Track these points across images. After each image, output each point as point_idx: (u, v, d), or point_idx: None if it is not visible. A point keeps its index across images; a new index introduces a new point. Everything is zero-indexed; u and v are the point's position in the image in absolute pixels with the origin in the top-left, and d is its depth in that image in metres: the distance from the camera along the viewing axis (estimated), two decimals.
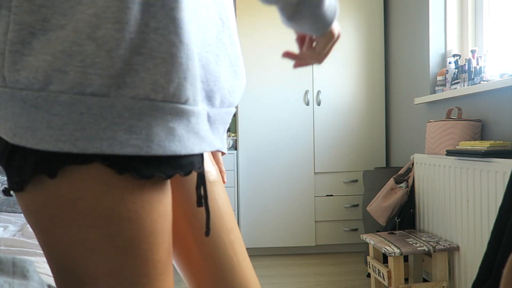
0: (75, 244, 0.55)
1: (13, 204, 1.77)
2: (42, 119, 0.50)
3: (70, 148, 0.50)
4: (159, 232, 0.59)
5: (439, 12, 2.50)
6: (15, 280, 0.79)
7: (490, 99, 1.99)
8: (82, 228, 0.54)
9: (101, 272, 0.56)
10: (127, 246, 0.56)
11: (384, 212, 2.34)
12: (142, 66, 0.52)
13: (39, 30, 0.49)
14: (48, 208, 0.54)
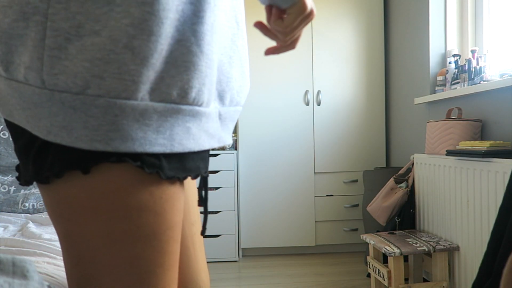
0: (102, 233, 0.58)
1: (13, 204, 1.77)
2: (79, 119, 0.53)
3: (104, 147, 0.54)
4: (176, 226, 0.64)
5: (439, 12, 2.50)
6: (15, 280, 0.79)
7: (490, 99, 1.99)
8: (112, 219, 0.58)
9: (122, 261, 0.59)
10: (149, 237, 0.60)
11: (384, 212, 2.34)
12: (167, 73, 0.57)
13: (74, 36, 0.52)
14: (79, 199, 0.57)
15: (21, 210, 1.75)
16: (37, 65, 0.53)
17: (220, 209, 3.00)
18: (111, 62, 0.53)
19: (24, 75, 0.54)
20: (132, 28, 0.53)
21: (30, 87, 0.54)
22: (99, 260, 0.59)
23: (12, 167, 1.93)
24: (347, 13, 3.13)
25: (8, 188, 1.83)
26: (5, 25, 0.54)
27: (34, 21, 0.52)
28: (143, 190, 0.59)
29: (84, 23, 0.52)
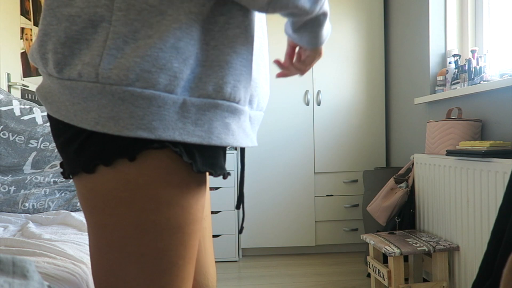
0: (133, 224, 0.63)
1: (13, 204, 1.77)
2: (126, 110, 0.60)
3: (148, 135, 0.60)
4: (199, 220, 0.69)
5: (439, 12, 2.50)
6: (15, 280, 0.79)
7: (490, 99, 1.99)
8: (143, 211, 0.63)
9: (149, 251, 0.64)
10: (176, 229, 0.65)
11: (384, 212, 2.34)
12: (204, 74, 0.63)
13: (131, 39, 0.60)
14: (116, 190, 0.63)
15: (21, 210, 1.75)
16: (95, 61, 0.59)
17: (220, 209, 3.00)
18: (159, 58, 0.59)
19: (79, 72, 0.60)
20: (180, 31, 0.61)
21: (83, 82, 0.60)
22: (128, 250, 0.64)
23: (12, 167, 1.93)
24: (347, 13, 3.13)
25: (8, 188, 1.83)
26: (73, 32, 0.61)
27: (101, 27, 0.61)
28: (174, 184, 0.64)
29: (140, 28, 0.60)
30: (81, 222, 1.51)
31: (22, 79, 2.56)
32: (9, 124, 2.02)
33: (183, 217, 0.66)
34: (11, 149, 1.98)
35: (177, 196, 0.64)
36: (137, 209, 0.63)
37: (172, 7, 0.61)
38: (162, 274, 0.65)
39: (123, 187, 0.62)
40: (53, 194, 1.81)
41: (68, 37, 0.61)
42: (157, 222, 0.64)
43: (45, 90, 0.66)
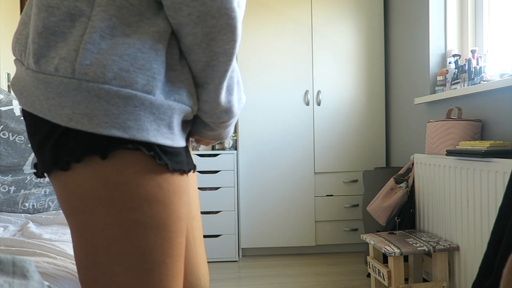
0: (116, 224, 0.62)
1: (13, 204, 1.77)
2: (101, 107, 0.59)
3: (122, 134, 0.60)
4: (183, 218, 0.69)
5: (439, 12, 2.50)
6: (15, 280, 0.79)
7: (490, 99, 1.99)
8: (124, 209, 0.62)
9: (134, 250, 0.63)
10: (160, 227, 0.65)
11: (384, 212, 2.34)
12: (177, 79, 0.65)
13: (107, 35, 0.60)
14: (94, 190, 0.62)
15: (21, 210, 1.75)
16: (72, 56, 0.59)
17: (220, 209, 3.00)
18: (138, 58, 0.60)
19: (55, 66, 0.60)
20: (158, 34, 0.62)
21: (59, 77, 0.59)
22: (113, 250, 0.63)
23: (12, 167, 1.93)
24: (347, 13, 3.13)
25: (8, 188, 1.83)
26: (50, 23, 0.61)
27: (80, 22, 0.60)
28: (153, 182, 0.64)
29: (117, 25, 0.61)
30: None
31: None
32: (9, 124, 2.02)
33: (166, 215, 0.65)
34: (11, 149, 1.98)
35: (157, 194, 0.64)
36: (117, 208, 0.62)
37: (150, 11, 0.62)
38: (151, 273, 0.65)
39: (101, 187, 0.62)
40: (53, 194, 1.81)
41: (45, 27, 0.61)
42: (139, 221, 0.63)
43: (20, 84, 0.66)
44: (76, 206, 0.63)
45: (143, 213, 0.63)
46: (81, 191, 0.62)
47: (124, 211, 0.62)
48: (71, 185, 0.63)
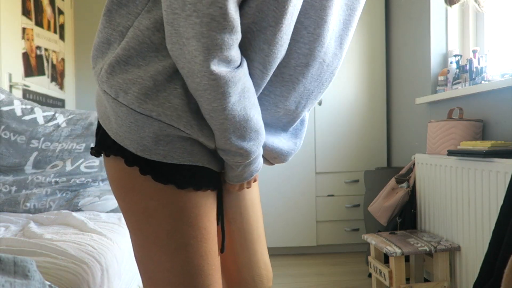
0: (141, 209, 0.74)
1: (14, 204, 1.77)
2: (115, 115, 0.72)
3: (121, 142, 0.73)
4: (203, 205, 0.77)
5: (440, 12, 2.50)
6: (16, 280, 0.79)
7: (491, 99, 1.99)
8: (144, 197, 0.73)
9: (161, 233, 0.74)
10: (178, 213, 0.74)
11: (385, 212, 2.34)
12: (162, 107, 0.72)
13: (123, 62, 0.71)
14: (121, 179, 0.75)
15: (22, 210, 1.75)
16: (99, 70, 0.74)
17: None
18: (136, 83, 0.69)
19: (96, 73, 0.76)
20: (162, 68, 0.69)
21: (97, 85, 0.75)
22: (144, 231, 0.74)
23: (13, 167, 1.94)
24: None
25: (9, 188, 1.83)
26: (96, 42, 0.76)
27: (113, 47, 0.73)
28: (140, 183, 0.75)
29: (133, 56, 0.70)
30: (82, 222, 1.52)
31: (23, 79, 2.56)
32: (10, 124, 2.02)
33: (183, 202, 0.74)
34: (13, 149, 1.98)
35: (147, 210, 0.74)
36: (139, 196, 0.73)
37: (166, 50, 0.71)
38: (178, 252, 0.74)
39: (125, 177, 0.74)
40: (54, 194, 1.81)
41: (94, 45, 0.77)
42: (157, 207, 0.73)
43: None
44: (114, 191, 0.78)
45: (160, 200, 0.73)
46: (114, 179, 0.76)
47: (144, 198, 0.73)
48: (109, 172, 0.77)
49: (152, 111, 0.70)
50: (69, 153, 1.98)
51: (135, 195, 0.74)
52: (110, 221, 1.61)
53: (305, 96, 0.87)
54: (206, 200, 0.78)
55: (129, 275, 1.48)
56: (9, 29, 2.39)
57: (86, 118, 2.13)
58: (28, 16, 2.65)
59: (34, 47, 2.73)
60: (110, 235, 1.43)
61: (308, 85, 0.85)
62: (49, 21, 2.96)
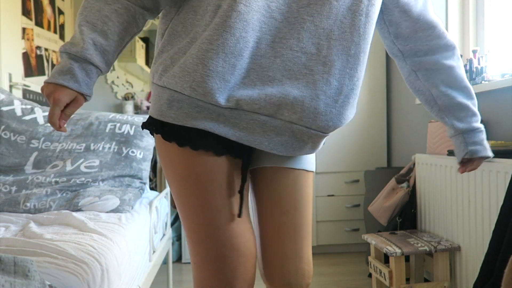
0: (168, 173, 0.96)
1: (14, 204, 1.77)
2: (152, 96, 0.95)
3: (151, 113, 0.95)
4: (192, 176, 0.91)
5: (440, 12, 2.50)
6: (16, 280, 0.79)
7: (491, 99, 1.99)
8: (166, 166, 0.95)
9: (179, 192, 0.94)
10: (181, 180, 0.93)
11: (385, 212, 2.34)
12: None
13: (160, 52, 0.93)
14: (160, 152, 0.97)
15: (22, 210, 1.75)
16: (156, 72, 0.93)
17: None
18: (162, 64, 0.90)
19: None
20: (178, 49, 0.89)
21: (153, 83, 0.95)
22: (173, 190, 0.96)
23: (14, 167, 1.93)
24: None
25: (9, 188, 1.83)
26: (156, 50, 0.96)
27: (164, 53, 0.92)
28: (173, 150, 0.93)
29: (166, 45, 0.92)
30: (82, 222, 1.52)
31: (23, 79, 2.56)
32: (10, 124, 2.02)
33: (180, 170, 0.92)
34: (13, 149, 1.98)
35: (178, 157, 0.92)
36: (164, 164, 0.96)
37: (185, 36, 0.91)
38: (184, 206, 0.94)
39: (158, 146, 0.96)
40: (54, 194, 1.81)
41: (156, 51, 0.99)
42: (172, 173, 0.94)
43: None
44: (160, 160, 0.97)
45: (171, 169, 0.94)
46: (158, 151, 0.98)
47: (167, 166, 0.96)
48: (156, 145, 0.98)
49: (165, 82, 0.88)
50: (69, 153, 1.98)
51: (164, 158, 0.95)
52: (110, 221, 1.61)
53: (324, 36, 0.86)
54: (219, 164, 0.92)
55: (129, 275, 1.48)
56: (9, 29, 2.40)
57: (86, 118, 2.13)
58: (28, 16, 2.65)
59: (34, 47, 2.73)
60: (110, 235, 1.43)
61: (319, 22, 0.85)
62: (49, 21, 2.96)
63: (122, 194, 1.84)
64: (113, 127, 2.09)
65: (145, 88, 3.52)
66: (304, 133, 0.91)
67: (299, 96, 0.86)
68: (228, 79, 0.84)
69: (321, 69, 0.87)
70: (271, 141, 0.91)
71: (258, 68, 0.85)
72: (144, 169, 2.05)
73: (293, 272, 1.00)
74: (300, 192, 1.01)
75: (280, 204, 1.00)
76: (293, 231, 1.00)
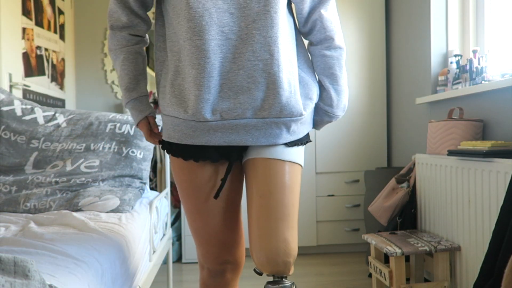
0: (176, 180, 1.25)
1: (15, 204, 1.77)
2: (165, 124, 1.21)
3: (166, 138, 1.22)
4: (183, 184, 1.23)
5: (440, 12, 2.50)
6: (16, 280, 0.79)
7: (491, 99, 1.99)
8: (174, 173, 1.25)
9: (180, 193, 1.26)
10: (177, 185, 1.25)
11: (385, 212, 2.34)
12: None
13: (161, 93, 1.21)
14: (171, 165, 1.26)
15: (22, 210, 1.75)
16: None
17: None
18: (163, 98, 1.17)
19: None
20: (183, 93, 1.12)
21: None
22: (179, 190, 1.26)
23: (14, 167, 1.93)
24: (348, 13, 3.13)
25: (9, 188, 1.83)
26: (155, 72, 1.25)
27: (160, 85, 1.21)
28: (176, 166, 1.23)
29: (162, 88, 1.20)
30: (82, 222, 1.52)
31: (23, 79, 2.56)
32: (10, 124, 2.02)
33: (176, 178, 1.25)
34: (13, 149, 1.98)
35: (174, 170, 1.24)
36: (174, 173, 1.24)
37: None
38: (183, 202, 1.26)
39: (171, 163, 1.25)
40: (54, 194, 1.81)
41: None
42: (176, 179, 1.25)
43: None
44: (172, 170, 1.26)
45: (176, 178, 1.25)
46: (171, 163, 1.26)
47: (174, 175, 1.25)
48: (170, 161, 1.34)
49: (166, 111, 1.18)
50: (69, 153, 1.98)
51: (174, 170, 1.24)
52: (110, 221, 1.61)
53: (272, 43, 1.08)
54: (201, 168, 1.20)
55: (129, 275, 1.48)
56: (9, 29, 2.40)
57: (86, 118, 2.13)
58: (28, 16, 2.65)
59: (34, 47, 2.73)
60: (110, 235, 1.43)
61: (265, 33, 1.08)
62: (49, 21, 2.96)
63: (122, 194, 1.84)
64: (113, 127, 2.09)
65: None
66: (276, 122, 1.12)
67: (265, 97, 1.09)
68: (207, 98, 1.07)
69: (276, 69, 1.07)
70: (253, 136, 1.13)
71: (227, 82, 1.07)
72: (144, 169, 2.05)
73: (267, 249, 1.08)
74: (275, 178, 1.14)
75: (258, 188, 1.14)
76: (268, 212, 1.11)
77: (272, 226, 1.09)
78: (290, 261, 1.08)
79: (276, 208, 1.11)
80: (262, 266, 1.09)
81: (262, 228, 1.10)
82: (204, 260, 1.28)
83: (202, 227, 1.23)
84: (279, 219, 1.10)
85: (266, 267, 1.09)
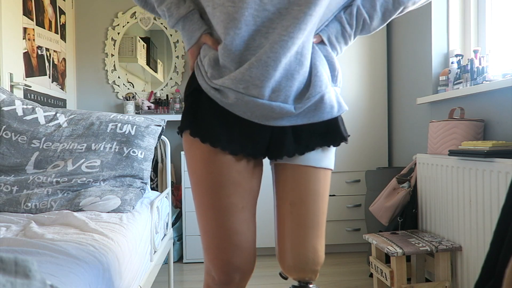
0: (188, 163, 1.13)
1: (16, 204, 1.77)
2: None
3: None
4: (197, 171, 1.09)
5: (441, 12, 2.49)
6: (17, 280, 0.79)
7: (492, 99, 1.99)
8: (187, 156, 1.13)
9: (192, 179, 1.12)
10: (191, 173, 1.12)
11: (386, 212, 2.34)
12: None
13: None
14: (184, 148, 1.14)
15: (23, 210, 1.75)
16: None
17: None
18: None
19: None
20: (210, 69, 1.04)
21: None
22: (190, 174, 1.14)
23: (15, 167, 1.94)
24: None
25: (10, 188, 1.83)
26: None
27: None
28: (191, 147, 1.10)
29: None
30: (83, 222, 1.52)
31: (24, 79, 2.56)
32: (11, 124, 2.02)
33: (190, 165, 1.11)
34: (14, 149, 1.98)
35: (188, 157, 1.12)
36: (187, 156, 1.13)
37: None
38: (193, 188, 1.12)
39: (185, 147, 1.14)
40: (55, 194, 1.82)
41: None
42: (188, 161, 1.12)
43: None
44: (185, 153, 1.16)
45: (188, 165, 1.14)
46: (184, 146, 1.15)
47: (187, 160, 1.13)
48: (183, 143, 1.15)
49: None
50: (70, 153, 1.98)
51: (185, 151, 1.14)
52: (112, 221, 1.61)
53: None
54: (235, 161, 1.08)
55: (130, 275, 1.48)
56: (10, 29, 2.40)
57: (87, 118, 2.13)
58: (29, 16, 2.65)
59: (35, 47, 2.74)
60: (111, 235, 1.43)
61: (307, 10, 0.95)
62: (50, 21, 2.97)
63: (123, 194, 1.84)
64: (114, 127, 2.09)
65: (146, 88, 3.52)
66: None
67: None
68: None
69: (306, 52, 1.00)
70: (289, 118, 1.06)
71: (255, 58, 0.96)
72: (145, 169, 2.05)
73: (296, 257, 1.06)
74: (306, 187, 1.09)
75: (289, 195, 1.10)
76: (297, 220, 1.08)
77: (302, 234, 1.07)
78: (317, 269, 1.08)
79: (306, 217, 1.07)
80: (289, 272, 1.08)
81: (292, 236, 1.07)
82: (212, 267, 1.14)
83: (216, 227, 1.09)
84: (309, 227, 1.07)
85: (293, 274, 1.07)
